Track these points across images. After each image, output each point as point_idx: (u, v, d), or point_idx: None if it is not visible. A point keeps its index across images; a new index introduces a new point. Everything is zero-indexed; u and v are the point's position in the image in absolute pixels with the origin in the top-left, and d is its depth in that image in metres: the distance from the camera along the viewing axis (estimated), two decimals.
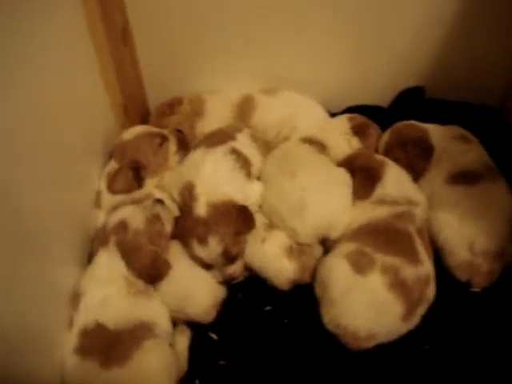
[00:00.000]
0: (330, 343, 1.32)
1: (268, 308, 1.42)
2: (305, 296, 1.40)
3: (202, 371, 1.31)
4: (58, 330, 1.24)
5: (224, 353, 1.34)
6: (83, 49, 1.50)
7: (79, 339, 1.22)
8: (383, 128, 1.70)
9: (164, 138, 1.56)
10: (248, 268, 1.46)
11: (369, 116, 1.75)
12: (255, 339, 1.36)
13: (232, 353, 1.34)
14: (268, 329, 1.38)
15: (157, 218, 1.36)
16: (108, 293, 1.27)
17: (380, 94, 1.86)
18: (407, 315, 1.29)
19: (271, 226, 1.47)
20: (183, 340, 1.34)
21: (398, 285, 1.28)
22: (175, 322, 1.35)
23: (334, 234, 1.43)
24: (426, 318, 1.33)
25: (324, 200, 1.43)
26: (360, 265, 1.31)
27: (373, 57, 1.77)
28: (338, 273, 1.33)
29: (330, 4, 1.65)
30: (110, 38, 1.53)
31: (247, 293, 1.45)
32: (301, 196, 1.41)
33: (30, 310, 1.13)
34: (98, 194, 1.50)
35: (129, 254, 1.30)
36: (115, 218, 1.34)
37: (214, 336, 1.37)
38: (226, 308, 1.41)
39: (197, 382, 1.29)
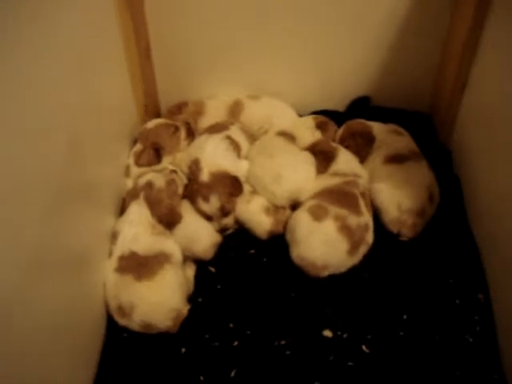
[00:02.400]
0: (297, 273, 1.62)
1: (252, 251, 1.73)
2: (278, 242, 1.71)
3: (204, 292, 1.62)
4: (102, 257, 1.57)
5: (219, 280, 1.65)
6: (118, 61, 1.83)
7: (118, 262, 1.54)
8: (339, 126, 2.01)
9: (176, 128, 1.90)
10: (237, 222, 1.78)
11: (329, 118, 2.06)
12: (242, 271, 1.67)
13: (225, 280, 1.65)
14: (252, 264, 1.69)
15: (173, 181, 1.72)
16: (138, 231, 1.60)
17: (337, 102, 2.16)
18: (351, 251, 1.61)
19: (254, 192, 1.80)
20: (190, 270, 1.66)
21: (345, 228, 1.60)
22: (184, 259, 1.65)
23: (302, 198, 1.75)
24: (366, 257, 1.66)
25: (294, 173, 1.77)
26: (318, 214, 1.62)
27: (332, 73, 2.09)
28: (301, 220, 1.65)
29: (298, 33, 1.97)
30: (139, 53, 1.86)
31: (236, 241, 1.76)
32: (278, 170, 1.77)
33: (83, 242, 1.43)
34: (128, 167, 1.84)
35: (153, 204, 1.65)
36: (144, 179, 1.70)
37: (213, 269, 1.68)
38: (221, 251, 1.72)
39: (200, 299, 1.60)
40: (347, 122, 2.01)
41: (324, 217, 1.63)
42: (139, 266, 1.53)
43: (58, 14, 1.32)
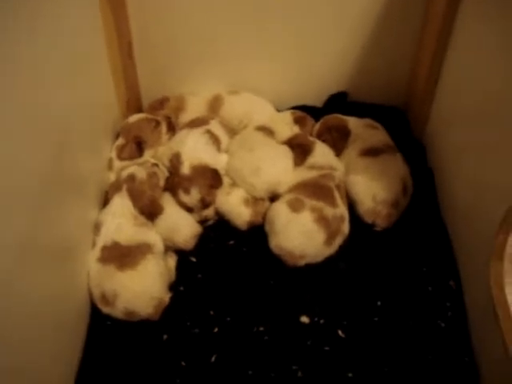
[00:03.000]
0: (275, 262, 1.68)
1: (232, 242, 1.77)
2: (257, 233, 1.76)
3: (185, 281, 1.66)
4: (85, 247, 1.60)
5: (200, 270, 1.69)
6: (100, 57, 1.86)
7: (101, 252, 1.58)
8: (317, 121, 2.05)
9: (158, 122, 1.93)
10: (217, 213, 1.83)
11: (307, 113, 2.10)
12: (222, 261, 1.71)
13: (206, 270, 1.69)
14: (232, 255, 1.73)
15: (154, 174, 1.77)
16: (121, 222, 1.64)
17: (315, 98, 2.20)
18: (328, 241, 1.66)
19: (234, 185, 1.84)
20: (172, 260, 1.70)
21: (321, 219, 1.64)
22: (166, 249, 1.69)
23: (280, 190, 1.79)
24: (343, 247, 1.71)
25: (273, 165, 1.82)
26: (295, 206, 1.67)
27: (310, 68, 2.12)
28: (280, 212, 1.70)
29: (277, 30, 2.00)
30: (120, 49, 1.90)
31: (217, 232, 1.80)
32: (257, 163, 1.81)
33: (68, 233, 1.47)
34: (110, 160, 1.88)
35: (135, 196, 1.70)
36: (126, 172, 1.74)
37: (194, 259, 1.72)
38: (202, 242, 1.75)
39: (181, 288, 1.64)
40: (324, 116, 2.05)
41: (301, 208, 1.68)
42: (122, 255, 1.57)
43: (40, 11, 1.35)
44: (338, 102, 2.19)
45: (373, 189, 1.79)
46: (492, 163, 1.52)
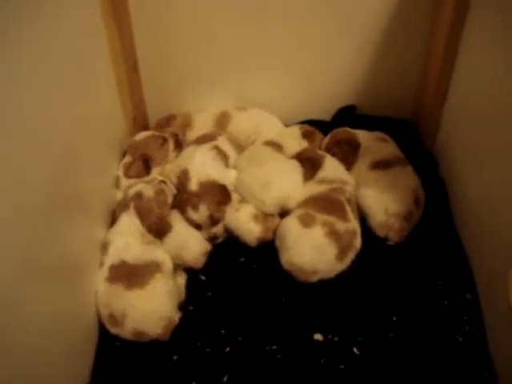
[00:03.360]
0: (286, 279, 1.65)
1: (242, 259, 1.75)
2: (268, 250, 1.73)
3: (195, 300, 1.63)
4: (93, 268, 1.59)
5: (210, 288, 1.66)
6: (106, 74, 1.85)
7: (109, 271, 1.56)
8: (325, 135, 2.04)
9: (165, 139, 1.92)
10: (227, 230, 1.80)
11: (315, 127, 2.09)
12: (233, 278, 1.68)
13: (216, 288, 1.66)
14: (242, 272, 1.70)
15: (162, 191, 1.75)
16: (128, 240, 1.62)
17: (323, 111, 2.18)
18: (340, 256, 1.63)
19: (243, 201, 1.82)
20: (181, 279, 1.67)
21: (333, 234, 1.62)
22: (175, 268, 1.66)
23: (290, 205, 1.77)
24: (355, 262, 1.68)
25: (283, 180, 1.80)
26: (306, 221, 1.65)
27: (318, 83, 2.11)
28: (291, 227, 1.67)
29: (284, 45, 2.01)
30: (126, 66, 1.90)
31: (226, 249, 1.78)
32: (266, 178, 1.79)
33: (74, 253, 1.46)
34: (117, 179, 1.87)
35: (143, 214, 1.68)
36: (133, 190, 1.73)
37: (203, 277, 1.70)
38: (212, 259, 1.73)
39: (191, 307, 1.61)
40: (333, 130, 2.04)
41: (312, 223, 1.66)
42: (130, 275, 1.55)
43: (46, 30, 1.36)
44: (347, 116, 2.18)
45: (384, 202, 1.77)
46: (506, 171, 1.50)
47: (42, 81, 1.29)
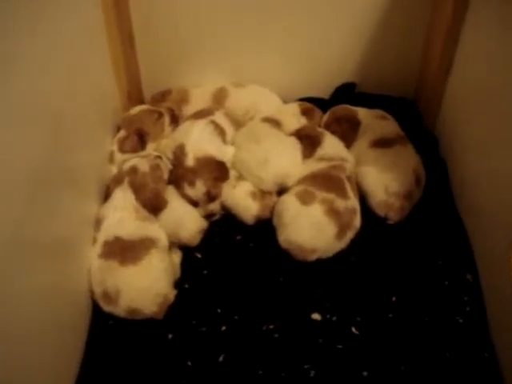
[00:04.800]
0: (284, 258, 1.62)
1: (238, 237, 1.72)
2: (265, 228, 1.71)
3: (191, 278, 1.61)
4: (86, 244, 1.56)
5: (206, 266, 1.64)
6: (101, 50, 1.83)
7: (102, 248, 1.53)
8: (325, 113, 2.01)
9: (161, 114, 1.89)
10: (223, 208, 1.77)
11: (314, 105, 2.06)
12: (229, 256, 1.66)
13: (212, 266, 1.64)
14: (238, 250, 1.68)
15: (157, 166, 1.72)
16: (122, 216, 1.59)
17: (322, 89, 2.16)
18: (339, 235, 1.61)
19: (240, 178, 1.80)
20: (176, 256, 1.65)
21: (332, 212, 1.60)
22: (170, 245, 1.63)
23: (289, 182, 1.75)
24: (354, 241, 1.66)
25: (281, 157, 1.77)
26: (305, 198, 1.63)
27: (316, 59, 2.09)
28: (289, 204, 1.65)
29: (282, 20, 1.99)
30: (121, 42, 1.86)
31: (223, 227, 1.75)
32: (264, 155, 1.76)
33: (66, 229, 1.42)
34: (112, 153, 1.84)
35: (138, 189, 1.65)
36: (128, 164, 1.69)
37: (199, 255, 1.68)
38: (208, 237, 1.71)
39: (186, 285, 1.59)
40: (332, 107, 2.01)
41: (311, 201, 1.63)
42: (124, 250, 1.52)
43: (45, 6, 1.34)
44: (346, 94, 2.16)
45: (385, 180, 1.74)
46: (508, 152, 1.47)
47: (31, 52, 1.26)
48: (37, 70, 1.27)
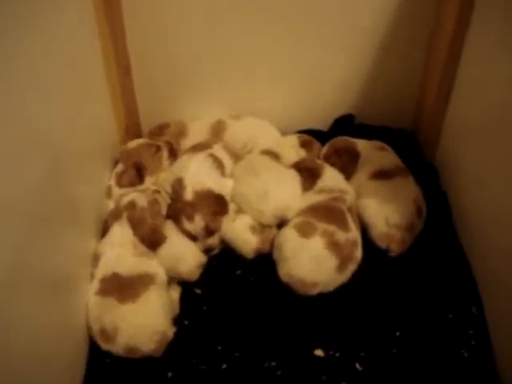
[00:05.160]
0: (285, 292, 1.60)
1: (238, 271, 1.70)
2: (265, 262, 1.69)
3: (190, 314, 1.58)
4: (84, 281, 1.53)
5: (206, 302, 1.61)
6: (99, 80, 1.82)
7: (100, 284, 1.51)
8: (323, 145, 2.00)
9: (159, 148, 1.89)
10: (223, 242, 1.75)
11: (313, 137, 2.06)
12: (229, 291, 1.63)
13: (212, 302, 1.61)
14: (239, 285, 1.65)
15: (156, 201, 1.70)
16: (120, 252, 1.57)
17: (321, 121, 2.16)
18: (340, 268, 1.58)
19: (239, 211, 1.78)
20: (175, 292, 1.62)
21: (333, 244, 1.57)
22: (169, 281, 1.61)
23: (289, 215, 1.73)
24: (356, 274, 1.63)
25: (280, 190, 1.76)
26: (305, 231, 1.61)
27: (314, 93, 2.09)
28: (288, 237, 1.63)
29: (280, 52, 1.99)
30: (118, 72, 1.86)
31: (222, 261, 1.73)
32: (264, 188, 1.75)
33: (65, 266, 1.40)
34: (109, 188, 1.82)
35: (136, 224, 1.63)
36: (126, 199, 1.67)
37: (199, 291, 1.65)
38: (207, 272, 1.68)
39: (186, 321, 1.56)
40: (331, 139, 2.01)
41: (311, 233, 1.61)
42: (122, 287, 1.50)
43: (37, 30, 1.32)
44: (345, 125, 2.16)
45: (385, 212, 1.73)
46: (510, 183, 1.46)
47: (29, 84, 1.25)
48: (35, 106, 1.27)
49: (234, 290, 1.66)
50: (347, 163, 1.92)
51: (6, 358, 1.04)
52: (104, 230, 1.70)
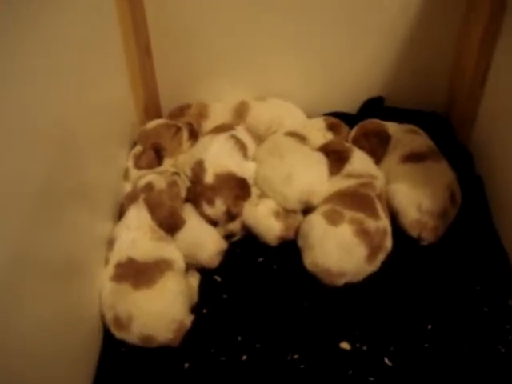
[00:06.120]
0: (310, 282, 1.55)
1: (260, 259, 1.64)
2: (289, 249, 1.63)
3: (209, 302, 1.53)
4: (98, 265, 1.48)
5: (226, 290, 1.56)
6: (117, 61, 1.78)
7: (115, 270, 1.46)
8: (351, 128, 1.94)
9: (178, 128, 1.83)
10: (244, 228, 1.69)
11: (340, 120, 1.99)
12: (250, 280, 1.59)
13: (232, 290, 1.56)
14: (261, 273, 1.60)
15: (175, 183, 1.65)
16: (136, 236, 1.51)
17: (349, 104, 2.08)
18: (370, 257, 1.52)
19: (262, 195, 1.72)
20: (194, 279, 1.57)
21: (363, 232, 1.52)
22: (187, 268, 1.56)
23: (315, 201, 1.67)
24: (385, 264, 1.57)
25: (306, 173, 1.69)
26: (333, 218, 1.55)
27: (342, 73, 2.02)
28: (315, 224, 1.57)
29: (307, 34, 1.93)
30: (138, 53, 1.81)
31: (244, 248, 1.68)
32: (289, 170, 1.68)
33: (78, 249, 1.36)
34: (127, 170, 1.78)
35: (153, 207, 1.56)
36: (144, 180, 1.62)
37: (218, 278, 1.60)
38: (228, 259, 1.63)
39: (204, 310, 1.52)
40: (360, 122, 1.94)
41: (339, 220, 1.55)
42: (138, 273, 1.44)
43: (57, 9, 1.28)
44: (374, 108, 2.08)
45: (417, 198, 1.65)
46: None
47: (42, 64, 1.19)
48: (47, 81, 1.21)
49: (255, 279, 1.60)
50: (377, 146, 1.84)
51: (18, 346, 1.00)
52: (120, 214, 1.65)
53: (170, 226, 1.58)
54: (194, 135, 1.87)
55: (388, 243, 1.59)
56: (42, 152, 1.16)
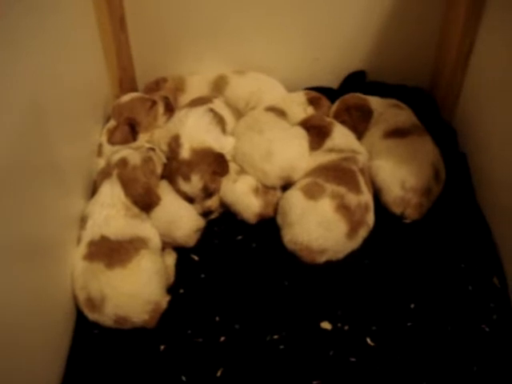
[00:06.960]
0: (290, 260, 1.53)
1: (239, 237, 1.62)
2: (268, 227, 1.61)
3: (186, 282, 1.52)
4: (69, 244, 1.45)
5: (203, 269, 1.55)
6: (90, 34, 1.74)
7: (87, 248, 1.43)
8: (333, 103, 1.90)
9: (154, 102, 1.77)
10: (222, 205, 1.66)
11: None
12: (229, 259, 1.57)
13: (210, 270, 1.54)
14: (239, 251, 1.58)
15: (150, 159, 1.60)
16: (110, 213, 1.49)
17: (330, 78, 2.06)
18: (351, 234, 1.51)
19: (241, 171, 1.69)
20: (170, 258, 1.55)
21: (343, 208, 1.50)
22: (164, 246, 1.55)
23: (295, 177, 1.64)
24: (367, 241, 1.56)
25: (286, 148, 1.66)
26: (312, 192, 1.53)
27: (324, 46, 2.00)
28: (294, 200, 1.55)
29: (288, 5, 1.89)
30: (112, 26, 1.77)
31: (222, 226, 1.66)
32: (268, 146, 1.65)
33: (49, 227, 1.32)
34: (100, 145, 1.74)
35: (127, 184, 1.53)
36: (117, 156, 1.57)
37: (196, 257, 1.58)
38: (205, 237, 1.62)
39: (181, 290, 1.49)
40: (342, 96, 1.91)
41: (319, 195, 1.53)
42: (111, 251, 1.42)
43: None
44: (356, 83, 2.06)
45: (401, 174, 1.63)
46: None
47: (15, 37, 1.18)
48: (17, 55, 1.18)
49: (234, 257, 1.58)
50: (359, 121, 1.82)
51: None
52: (94, 191, 1.62)
53: (145, 203, 1.55)
54: (170, 109, 1.81)
55: (370, 219, 1.58)
56: (6, 130, 1.12)
